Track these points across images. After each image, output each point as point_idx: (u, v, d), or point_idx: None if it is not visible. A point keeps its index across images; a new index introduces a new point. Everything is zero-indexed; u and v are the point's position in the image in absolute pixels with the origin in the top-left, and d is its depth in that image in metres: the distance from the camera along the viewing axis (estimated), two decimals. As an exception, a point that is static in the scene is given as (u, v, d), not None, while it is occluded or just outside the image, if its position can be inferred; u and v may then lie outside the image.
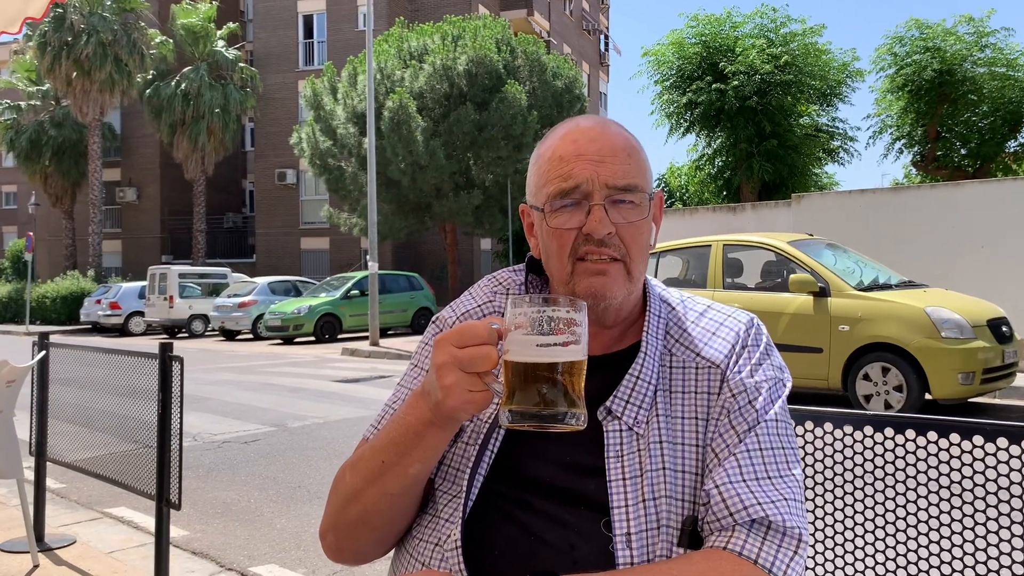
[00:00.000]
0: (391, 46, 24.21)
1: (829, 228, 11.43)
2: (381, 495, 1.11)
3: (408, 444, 1.07)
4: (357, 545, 1.18)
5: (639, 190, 1.14)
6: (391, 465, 1.09)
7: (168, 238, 38.28)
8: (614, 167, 1.13)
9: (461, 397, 0.98)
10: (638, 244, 1.14)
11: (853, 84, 22.63)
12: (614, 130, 1.18)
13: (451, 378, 0.98)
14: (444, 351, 0.98)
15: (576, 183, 1.13)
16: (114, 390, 4.14)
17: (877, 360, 7.83)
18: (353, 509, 1.14)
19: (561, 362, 0.96)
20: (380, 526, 1.15)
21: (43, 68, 32.37)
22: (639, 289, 1.18)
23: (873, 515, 1.63)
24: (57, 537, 4.23)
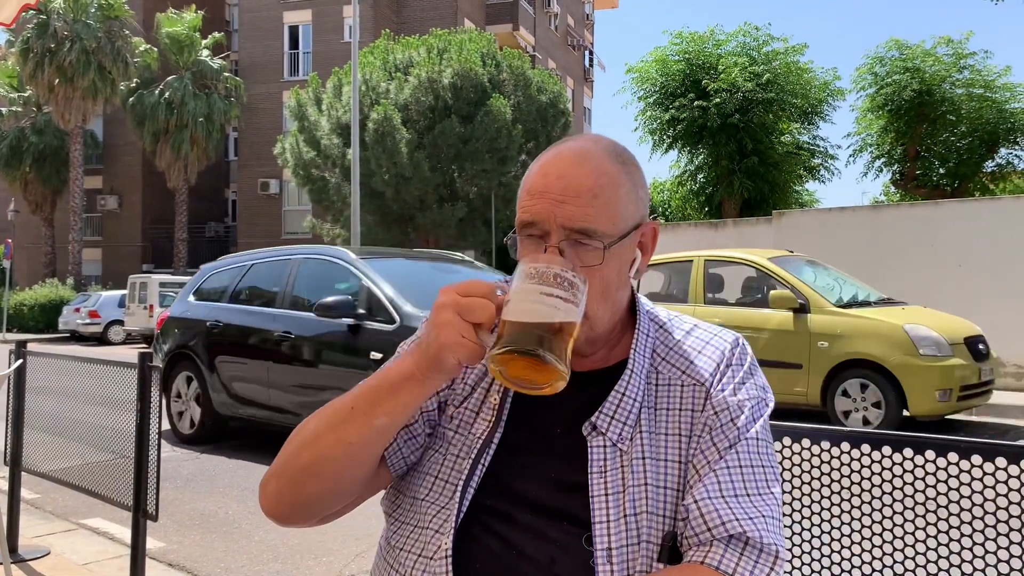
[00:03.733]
0: (376, 58, 24.24)
1: (809, 245, 11.53)
2: (338, 441, 1.10)
3: (382, 394, 1.08)
4: (297, 495, 1.14)
5: (598, 235, 1.11)
6: (359, 413, 1.09)
7: (149, 247, 38.00)
8: (574, 209, 1.11)
9: (452, 337, 1.00)
10: (593, 287, 1.11)
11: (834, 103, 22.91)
12: (590, 166, 1.14)
13: (447, 317, 1.01)
14: (447, 295, 1.03)
15: (533, 220, 1.13)
16: (92, 400, 4.11)
17: (856, 376, 7.89)
18: (306, 454, 1.13)
19: (559, 311, 1.00)
20: (328, 477, 1.12)
21: (25, 74, 32.16)
22: (602, 326, 1.16)
23: (850, 531, 1.64)
24: (31, 548, 4.18)
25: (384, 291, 6.53)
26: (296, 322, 6.88)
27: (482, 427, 1.18)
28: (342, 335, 6.49)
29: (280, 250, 8.06)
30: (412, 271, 7.45)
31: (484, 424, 1.18)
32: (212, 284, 8.10)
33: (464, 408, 1.21)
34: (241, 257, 8.29)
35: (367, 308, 6.52)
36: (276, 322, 7.04)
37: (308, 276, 7.31)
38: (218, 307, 7.72)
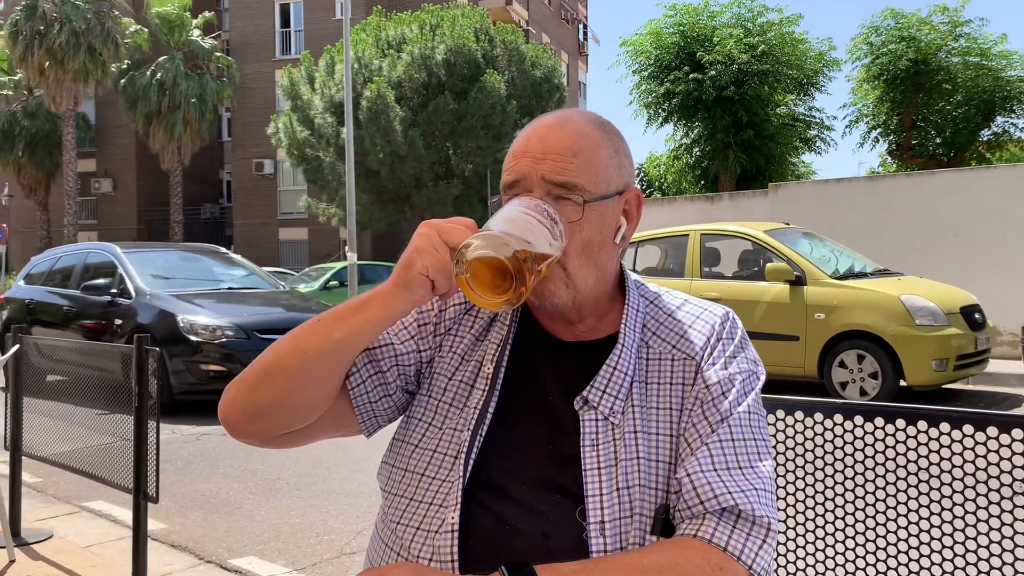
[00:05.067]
0: (369, 35, 24.08)
1: (806, 217, 11.52)
2: (295, 349, 1.12)
3: (348, 310, 1.11)
4: (250, 399, 1.15)
5: (578, 189, 1.14)
6: (322, 325, 1.12)
7: (145, 229, 37.89)
8: (554, 164, 1.14)
9: (426, 244, 1.05)
10: (573, 243, 1.13)
11: (829, 73, 22.75)
12: (570, 128, 1.18)
13: (425, 231, 1.07)
14: (429, 221, 1.08)
15: (516, 178, 1.16)
16: (90, 383, 4.12)
17: (853, 348, 7.92)
18: (265, 359, 1.15)
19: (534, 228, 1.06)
20: (280, 384, 1.12)
21: (15, 57, 31.89)
22: (585, 286, 1.17)
23: (843, 502, 1.66)
24: (34, 532, 4.21)
25: (129, 275, 8.93)
26: (76, 299, 9.37)
27: (477, 397, 1.19)
28: (101, 307, 8.94)
29: (76, 246, 11.06)
30: (165, 260, 10.05)
31: (479, 394, 1.19)
32: (35, 271, 10.61)
33: (457, 380, 1.22)
34: (56, 251, 11.00)
35: (119, 287, 8.89)
36: (64, 299, 9.61)
37: (91, 265, 9.61)
38: (34, 289, 10.24)
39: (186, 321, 8.25)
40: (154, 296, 8.75)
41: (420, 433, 1.21)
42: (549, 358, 1.22)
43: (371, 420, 1.24)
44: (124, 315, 8.65)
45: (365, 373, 1.22)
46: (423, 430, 1.21)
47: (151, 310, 8.56)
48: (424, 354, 1.25)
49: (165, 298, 8.72)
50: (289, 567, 3.88)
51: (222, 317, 8.35)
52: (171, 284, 9.16)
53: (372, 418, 1.24)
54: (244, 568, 3.84)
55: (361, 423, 1.24)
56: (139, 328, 8.09)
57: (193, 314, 8.37)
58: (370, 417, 1.23)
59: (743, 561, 1.04)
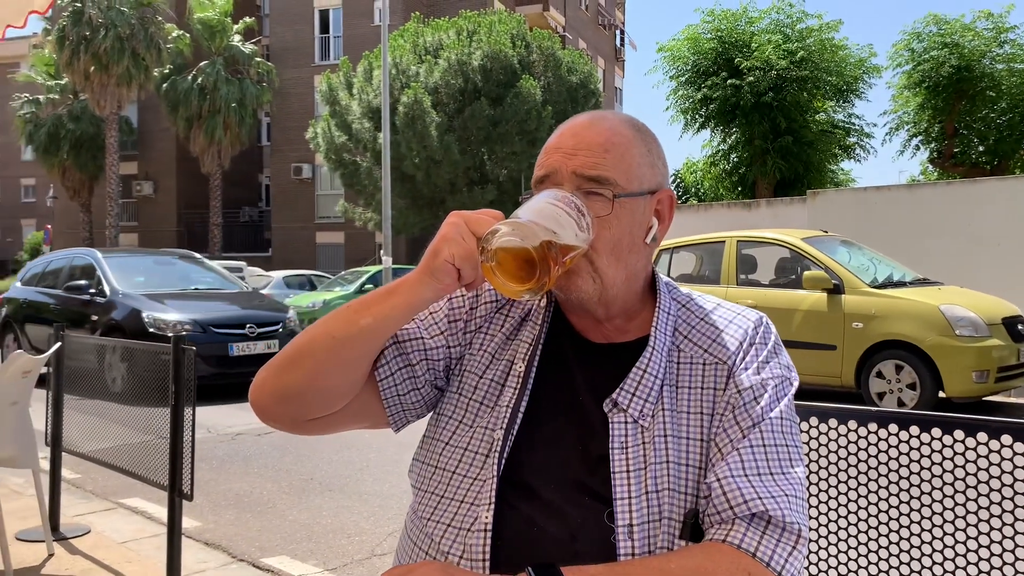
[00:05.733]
0: (406, 41, 24.24)
1: (844, 225, 11.38)
2: (323, 335, 1.13)
3: (376, 298, 1.12)
4: (278, 383, 1.16)
5: (609, 184, 1.14)
6: (350, 312, 1.13)
7: (184, 231, 38.46)
8: (585, 159, 1.15)
9: (453, 233, 1.06)
10: (603, 238, 1.14)
11: (870, 80, 22.51)
12: (603, 126, 1.19)
13: (454, 220, 1.08)
14: (457, 212, 1.10)
15: (547, 173, 1.17)
16: (128, 381, 4.18)
17: (891, 358, 7.79)
18: (295, 344, 1.16)
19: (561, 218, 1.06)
20: (307, 368, 1.14)
21: (61, 62, 32.59)
22: (614, 283, 1.17)
23: (877, 511, 1.63)
24: (72, 527, 4.28)
25: (106, 276, 9.96)
26: (60, 298, 10.50)
27: (509, 395, 1.19)
28: (80, 304, 10.03)
29: (65, 251, 12.05)
30: (140, 263, 11.15)
31: (511, 393, 1.19)
32: (30, 274, 11.73)
33: (488, 379, 1.22)
34: (49, 256, 12.15)
35: (97, 288, 9.94)
36: (50, 299, 10.71)
37: (75, 268, 10.66)
38: (28, 290, 11.34)
39: (150, 317, 9.24)
40: (126, 295, 9.76)
41: (451, 431, 1.21)
42: (580, 359, 1.21)
43: (399, 414, 1.24)
44: (100, 312, 9.73)
45: (394, 365, 1.22)
46: (453, 427, 1.21)
47: (123, 308, 9.57)
48: (454, 350, 1.25)
49: (136, 297, 9.71)
50: (320, 567, 3.91)
51: (183, 314, 9.37)
52: (144, 285, 10.22)
53: (400, 411, 1.24)
54: (276, 567, 3.87)
55: (389, 416, 1.24)
56: (112, 323, 9.47)
57: (158, 311, 9.35)
58: (398, 411, 1.24)
59: (772, 567, 1.03)
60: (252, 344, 9.43)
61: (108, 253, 10.83)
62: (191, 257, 11.95)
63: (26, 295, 11.30)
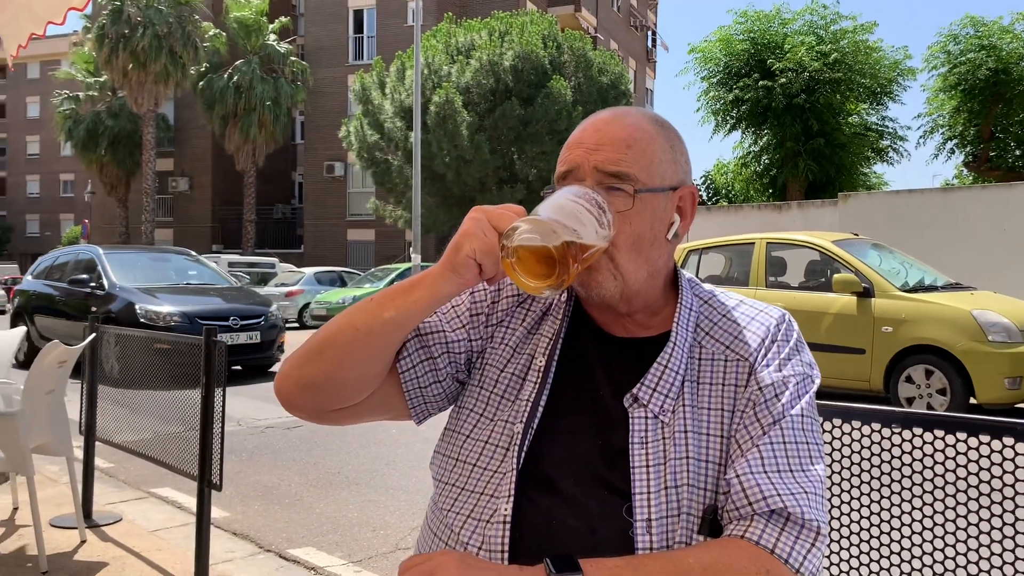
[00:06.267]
0: (439, 41, 24.33)
1: (876, 228, 11.26)
2: (347, 326, 1.15)
3: (399, 291, 1.14)
4: (301, 373, 1.19)
5: (630, 179, 1.15)
6: (373, 304, 1.15)
7: (219, 228, 38.91)
8: (608, 154, 1.16)
9: (474, 228, 1.07)
10: (623, 234, 1.14)
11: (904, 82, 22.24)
12: (626, 121, 1.19)
13: (475, 215, 1.09)
14: (480, 207, 1.11)
15: (569, 168, 1.18)
16: (160, 373, 4.25)
17: (921, 362, 7.70)
18: (319, 335, 1.18)
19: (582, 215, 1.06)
20: (330, 358, 1.16)
21: (101, 60, 33.12)
22: (635, 279, 1.18)
23: (900, 512, 1.62)
24: (104, 514, 4.36)
25: (106, 271, 10.71)
26: (64, 291, 11.20)
27: (529, 390, 1.20)
28: (82, 296, 10.74)
29: (71, 248, 12.74)
30: (137, 259, 11.82)
31: (531, 387, 1.20)
32: (40, 268, 12.50)
33: (509, 372, 1.23)
34: (57, 252, 12.80)
35: (97, 281, 10.67)
36: (56, 291, 11.45)
37: (79, 262, 11.43)
38: (37, 282, 12.19)
39: (143, 309, 10.00)
40: (123, 289, 10.50)
41: (472, 424, 1.23)
42: (600, 354, 1.22)
43: (421, 406, 1.26)
44: (99, 303, 10.42)
45: (416, 358, 1.24)
46: (474, 421, 1.23)
47: (120, 300, 10.31)
48: (475, 343, 1.26)
49: (131, 291, 10.45)
50: (345, 559, 3.95)
51: (172, 306, 10.08)
52: (141, 280, 10.94)
53: (422, 404, 1.26)
54: (302, 558, 3.92)
55: (411, 408, 1.26)
56: (109, 314, 10.01)
57: (150, 304, 10.11)
58: (420, 403, 1.26)
59: (791, 564, 1.03)
60: (235, 335, 9.98)
61: (109, 250, 11.63)
62: (187, 254, 12.81)
63: (35, 287, 12.17)
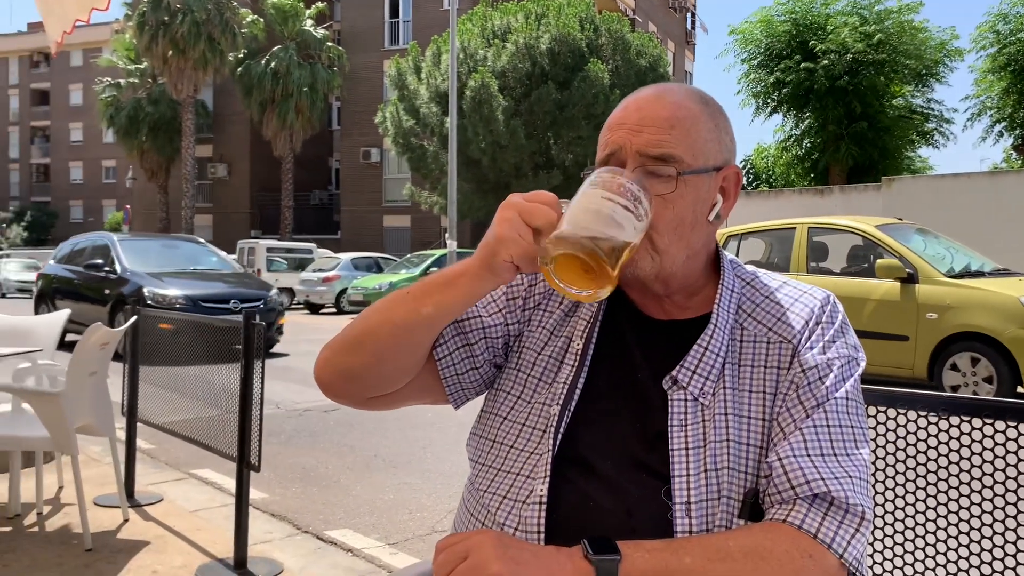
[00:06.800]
0: (475, 25, 24.28)
1: (921, 213, 11.05)
2: (386, 321, 1.14)
3: (435, 286, 1.12)
4: (341, 363, 1.19)
5: (674, 161, 1.12)
6: (410, 299, 1.13)
7: (257, 213, 39.34)
8: (650, 136, 1.12)
9: (509, 233, 1.03)
10: (663, 217, 1.12)
11: (951, 64, 21.77)
12: (669, 99, 1.16)
13: (508, 214, 1.04)
14: (511, 199, 1.06)
15: (611, 151, 1.15)
16: (201, 357, 4.30)
17: (966, 350, 7.55)
18: (356, 328, 1.17)
19: (617, 216, 1.01)
20: (370, 351, 1.16)
21: (141, 47, 33.58)
22: (673, 261, 1.15)
23: (947, 499, 1.58)
24: (146, 494, 4.43)
25: (119, 257, 11.51)
26: (80, 274, 12.09)
27: (567, 372, 1.19)
28: (96, 279, 11.64)
29: (89, 235, 13.45)
30: (149, 246, 12.65)
31: (568, 370, 1.19)
32: (61, 254, 13.32)
33: (546, 355, 1.22)
34: (77, 238, 13.57)
35: (110, 266, 11.50)
36: (73, 274, 12.35)
37: (96, 248, 12.28)
38: (58, 267, 12.97)
39: (150, 292, 10.69)
40: (134, 273, 11.25)
41: (509, 406, 1.22)
42: (638, 336, 1.20)
43: (458, 392, 1.26)
44: (111, 286, 11.34)
45: (453, 345, 1.23)
46: (512, 403, 1.22)
47: (131, 284, 11.05)
48: (512, 327, 1.25)
49: (141, 275, 11.18)
50: (382, 541, 3.97)
51: (178, 290, 10.82)
52: (151, 265, 11.66)
53: (460, 390, 1.26)
54: (339, 540, 3.95)
55: (449, 394, 1.26)
56: (120, 296, 10.98)
57: (157, 287, 10.82)
58: (457, 389, 1.26)
59: (834, 549, 1.01)
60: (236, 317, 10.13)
61: (123, 237, 12.57)
62: (197, 242, 13.68)
63: (57, 272, 12.99)
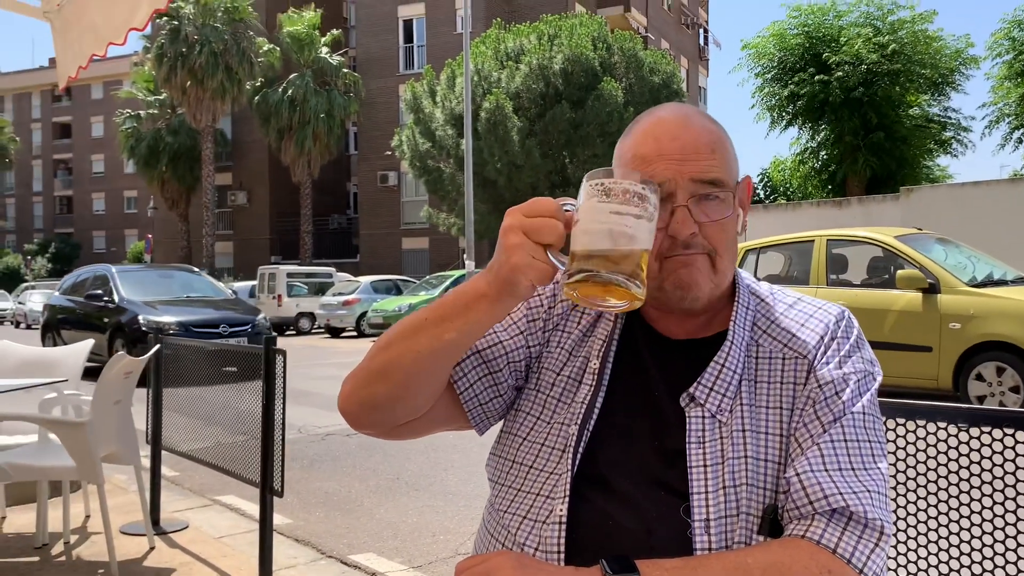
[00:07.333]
0: (488, 47, 24.45)
1: (940, 223, 10.97)
2: (409, 350, 1.12)
3: (454, 310, 1.09)
4: (366, 394, 1.18)
5: (724, 186, 1.13)
6: (430, 325, 1.10)
7: (277, 239, 39.66)
8: (698, 164, 1.12)
9: (523, 259, 0.99)
10: (723, 240, 1.14)
11: (967, 72, 21.64)
12: (698, 123, 1.16)
13: (516, 240, 1.00)
14: (513, 216, 1.01)
15: (658, 184, 1.10)
16: (223, 383, 4.34)
17: (991, 359, 7.46)
18: (379, 358, 1.16)
19: (629, 229, 0.97)
20: (395, 381, 1.14)
21: (160, 78, 34.07)
22: (726, 282, 1.18)
23: (969, 512, 1.57)
24: (171, 522, 4.46)
25: (116, 287, 12.31)
26: (81, 304, 12.89)
27: (585, 392, 1.19)
28: (96, 309, 12.39)
29: (90, 268, 14.40)
30: (145, 276, 13.66)
31: (587, 390, 1.19)
32: (66, 286, 14.30)
33: (565, 376, 1.23)
34: (79, 271, 14.57)
35: (110, 296, 12.24)
36: (75, 304, 13.21)
37: (96, 279, 13.10)
38: (63, 298, 13.91)
39: (145, 319, 11.49)
40: (130, 302, 12.03)
41: (528, 427, 1.23)
42: (655, 355, 1.21)
43: (483, 419, 1.27)
44: (110, 315, 12.07)
45: (474, 376, 1.24)
46: (531, 424, 1.23)
47: (127, 312, 11.81)
48: (534, 349, 1.26)
49: (138, 304, 11.97)
50: (406, 565, 3.97)
51: (170, 317, 11.62)
52: (147, 294, 12.47)
53: (484, 418, 1.27)
54: (363, 564, 3.96)
55: (473, 423, 1.27)
56: (118, 325, 11.77)
57: (151, 315, 11.60)
58: (482, 417, 1.26)
59: (854, 564, 1.01)
60: (225, 341, 10.94)
61: (121, 269, 13.50)
62: (191, 270, 14.77)
63: (61, 302, 13.92)
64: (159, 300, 12.27)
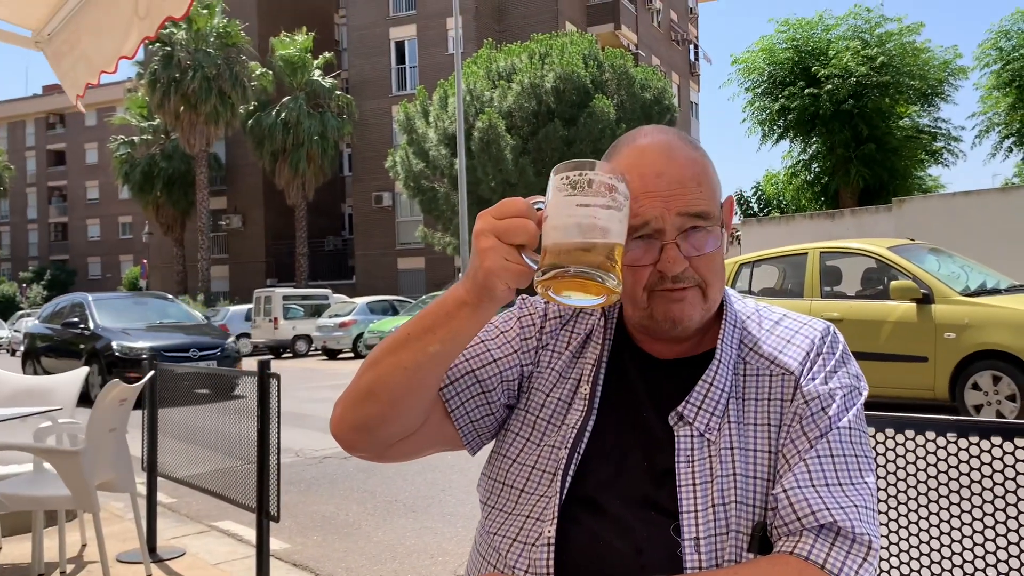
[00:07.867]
0: (480, 67, 24.57)
1: (934, 233, 11.01)
2: (395, 366, 1.11)
3: (436, 321, 1.09)
4: (357, 415, 1.17)
5: (711, 217, 1.13)
6: (413, 339, 1.10)
7: (272, 262, 39.64)
8: (684, 198, 1.12)
9: (497, 263, 0.98)
10: (713, 270, 1.14)
11: (956, 82, 21.78)
12: (681, 156, 1.15)
13: (488, 243, 0.99)
14: (484, 220, 1.01)
15: (645, 220, 1.11)
16: (218, 408, 4.33)
17: (987, 368, 7.47)
18: (366, 377, 1.15)
19: (599, 221, 0.95)
20: (384, 400, 1.14)
21: (153, 104, 34.16)
22: (715, 307, 1.18)
23: (960, 524, 1.57)
24: (168, 549, 4.44)
25: (93, 314, 12.84)
26: (58, 332, 13.39)
27: (575, 417, 1.19)
28: (73, 336, 12.91)
29: (68, 296, 14.86)
30: (120, 303, 14.11)
31: (577, 414, 1.19)
32: (44, 314, 14.92)
33: (555, 398, 1.23)
34: (57, 300, 15.05)
35: (85, 323, 12.74)
36: (52, 331, 13.73)
37: (73, 307, 13.56)
38: (41, 326, 14.50)
39: (119, 345, 12.06)
40: (105, 329, 12.52)
41: (518, 448, 1.23)
42: (644, 374, 1.21)
43: (475, 439, 1.26)
44: (85, 341, 12.55)
45: (467, 395, 1.23)
46: (520, 445, 1.23)
47: (102, 339, 12.25)
48: (526, 368, 1.26)
49: (111, 330, 12.46)
50: (404, 587, 3.96)
51: (142, 343, 12.13)
52: (121, 321, 12.98)
53: (476, 437, 1.26)
54: (361, 587, 3.94)
55: (464, 441, 1.26)
56: (93, 350, 12.15)
57: (124, 341, 12.15)
58: (474, 436, 1.26)
59: None
60: (195, 365, 11.36)
61: (96, 297, 13.94)
62: (164, 298, 15.33)
63: (39, 330, 14.46)
64: (132, 327, 12.79)
